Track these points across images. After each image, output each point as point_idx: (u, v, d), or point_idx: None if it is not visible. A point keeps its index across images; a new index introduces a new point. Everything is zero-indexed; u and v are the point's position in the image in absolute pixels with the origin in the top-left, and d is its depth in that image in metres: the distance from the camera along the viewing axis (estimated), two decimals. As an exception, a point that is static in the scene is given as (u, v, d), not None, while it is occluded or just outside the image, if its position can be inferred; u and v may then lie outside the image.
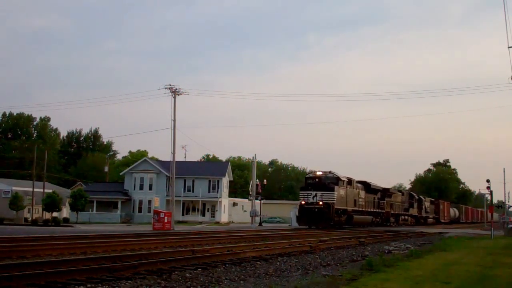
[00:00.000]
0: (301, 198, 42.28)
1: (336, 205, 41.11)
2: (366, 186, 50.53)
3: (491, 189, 39.64)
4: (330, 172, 43.17)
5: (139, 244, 18.13)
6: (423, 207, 71.21)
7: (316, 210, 40.51)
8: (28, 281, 9.10)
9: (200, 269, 11.97)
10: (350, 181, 45.61)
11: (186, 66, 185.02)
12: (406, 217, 64.02)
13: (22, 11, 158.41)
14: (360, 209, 47.43)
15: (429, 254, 18.40)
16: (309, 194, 41.46)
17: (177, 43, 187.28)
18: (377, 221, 52.53)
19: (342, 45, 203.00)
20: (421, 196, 74.15)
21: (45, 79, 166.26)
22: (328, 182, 42.07)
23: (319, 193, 40.93)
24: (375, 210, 51.91)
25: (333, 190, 41.15)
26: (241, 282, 10.55)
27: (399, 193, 63.38)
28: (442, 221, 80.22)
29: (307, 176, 45.22)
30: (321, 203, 40.32)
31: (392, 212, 57.33)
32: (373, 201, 51.89)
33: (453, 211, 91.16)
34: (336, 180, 42.65)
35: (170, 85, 44.16)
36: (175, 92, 44.05)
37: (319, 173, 43.06)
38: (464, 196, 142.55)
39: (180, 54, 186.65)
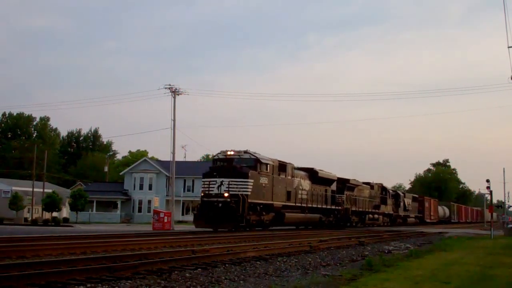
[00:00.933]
0: (202, 189, 30.94)
1: (251, 197, 30.00)
2: (312, 174, 39.20)
3: (491, 189, 39.49)
4: (246, 152, 31.75)
5: (139, 244, 18.11)
6: (401, 204, 61.39)
7: (219, 205, 29.18)
8: (28, 281, 9.08)
9: (200, 269, 11.97)
10: (282, 167, 34.41)
11: (186, 66, 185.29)
12: (376, 215, 52.70)
13: (22, 11, 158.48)
14: (300, 204, 36.27)
15: (429, 254, 18.40)
16: (213, 182, 30.09)
17: (177, 43, 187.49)
18: (329, 221, 41.75)
19: (342, 45, 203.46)
20: (399, 191, 64.49)
21: (45, 79, 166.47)
22: (242, 165, 30.82)
23: (226, 181, 29.56)
24: (326, 207, 40.78)
25: (246, 176, 29.89)
26: (241, 282, 10.54)
27: (366, 185, 51.27)
28: (428, 221, 71.40)
29: (214, 157, 33.18)
30: (226, 195, 29.26)
31: (354, 209, 46.42)
32: (324, 194, 40.85)
33: (443, 210, 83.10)
34: (254, 163, 31.22)
35: (170, 85, 44.19)
36: (175, 92, 44.06)
37: (230, 153, 31.68)
38: (464, 196, 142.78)
39: (180, 54, 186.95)
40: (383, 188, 56.67)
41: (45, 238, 20.44)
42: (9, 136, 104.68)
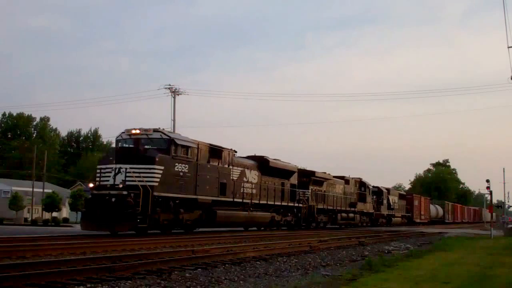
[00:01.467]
0: (97, 179, 23.16)
1: (160, 190, 22.25)
2: (261, 164, 31.93)
3: (491, 189, 39.47)
4: (156, 131, 23.58)
5: (139, 244, 18.10)
6: (385, 202, 54.39)
7: (112, 199, 21.47)
8: (28, 281, 9.10)
9: (200, 269, 11.97)
10: (215, 152, 26.82)
11: (186, 66, 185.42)
12: (351, 214, 45.22)
13: (22, 11, 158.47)
14: (241, 200, 28.83)
15: (428, 254, 18.41)
16: (108, 170, 22.30)
17: (177, 43, 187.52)
18: (286, 221, 34.50)
19: (342, 44, 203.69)
20: (382, 188, 55.08)
21: (45, 79, 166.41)
22: (150, 147, 23.08)
23: (124, 167, 21.79)
24: (282, 204, 33.19)
25: (152, 162, 22.06)
26: (241, 282, 10.55)
27: (338, 180, 43.81)
28: (417, 221, 65.21)
29: (117, 138, 24.58)
30: (121, 186, 21.67)
31: (321, 206, 39.04)
32: (280, 189, 33.26)
33: (435, 209, 77.03)
34: (167, 144, 23.19)
35: (169, 85, 44.38)
36: (174, 92, 44.18)
37: (135, 131, 23.41)
38: (464, 196, 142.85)
39: (180, 54, 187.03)
40: (361, 184, 48.72)
41: (45, 238, 20.42)
42: (9, 136, 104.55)
